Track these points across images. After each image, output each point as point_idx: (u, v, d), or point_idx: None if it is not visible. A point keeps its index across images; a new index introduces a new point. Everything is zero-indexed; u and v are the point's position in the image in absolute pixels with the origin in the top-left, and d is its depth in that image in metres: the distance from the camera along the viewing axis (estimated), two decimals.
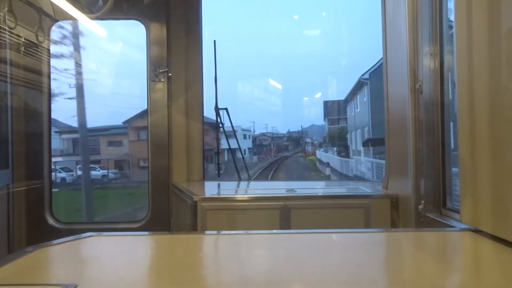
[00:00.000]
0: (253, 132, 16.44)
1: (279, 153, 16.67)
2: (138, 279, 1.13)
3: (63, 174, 9.65)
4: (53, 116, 3.48)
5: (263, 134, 17.00)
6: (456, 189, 1.98)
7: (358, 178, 9.55)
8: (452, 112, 2.05)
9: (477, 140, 1.47)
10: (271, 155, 16.78)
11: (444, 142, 2.08)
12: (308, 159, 15.15)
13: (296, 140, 17.47)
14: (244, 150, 15.59)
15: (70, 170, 9.73)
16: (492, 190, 1.38)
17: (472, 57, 1.50)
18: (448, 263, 1.27)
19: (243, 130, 16.00)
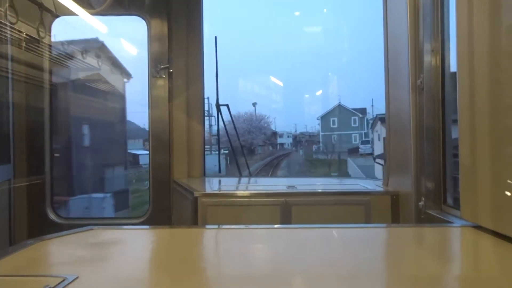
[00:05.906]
0: (295, 131, 26.65)
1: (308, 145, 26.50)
2: (138, 272, 1.13)
3: None
4: None
5: (301, 133, 26.98)
6: (457, 186, 1.97)
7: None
8: (453, 109, 2.04)
9: (477, 136, 1.47)
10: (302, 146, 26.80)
11: (445, 139, 2.07)
12: None
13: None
14: (288, 144, 26.69)
15: None
16: (492, 186, 1.37)
17: (473, 53, 1.49)
18: (447, 258, 1.27)
19: (287, 133, 26.07)
